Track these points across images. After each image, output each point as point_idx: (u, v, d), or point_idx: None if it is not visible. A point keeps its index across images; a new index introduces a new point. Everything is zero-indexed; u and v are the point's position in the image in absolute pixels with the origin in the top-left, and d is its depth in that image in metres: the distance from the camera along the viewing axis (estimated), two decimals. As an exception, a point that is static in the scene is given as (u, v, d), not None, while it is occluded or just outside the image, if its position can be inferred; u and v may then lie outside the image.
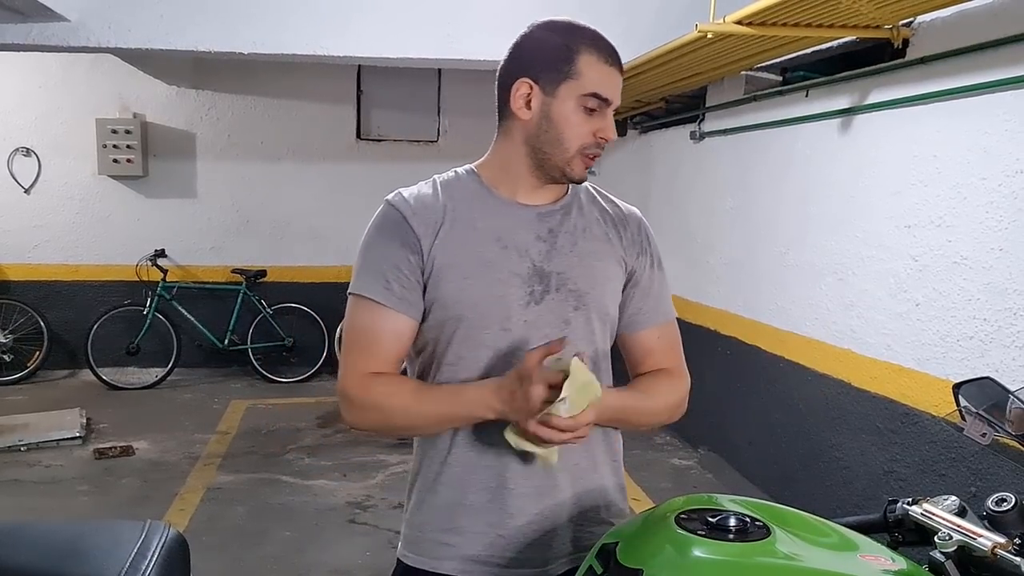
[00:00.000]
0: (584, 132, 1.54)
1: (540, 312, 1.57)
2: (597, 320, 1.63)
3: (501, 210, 1.60)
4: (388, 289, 1.54)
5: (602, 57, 1.54)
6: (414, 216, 1.56)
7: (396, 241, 1.55)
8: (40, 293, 7.59)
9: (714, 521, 1.35)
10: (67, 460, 5.42)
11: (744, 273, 5.17)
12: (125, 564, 1.23)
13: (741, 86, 5.19)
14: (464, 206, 1.59)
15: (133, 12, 5.25)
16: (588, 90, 1.52)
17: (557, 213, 1.63)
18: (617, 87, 1.55)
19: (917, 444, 3.61)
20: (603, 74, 1.53)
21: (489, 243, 1.56)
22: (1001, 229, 3.16)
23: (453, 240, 1.55)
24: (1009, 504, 1.47)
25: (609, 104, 1.54)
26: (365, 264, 1.58)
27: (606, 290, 1.65)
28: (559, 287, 1.58)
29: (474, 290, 1.54)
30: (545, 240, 1.59)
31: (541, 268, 1.58)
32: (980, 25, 3.27)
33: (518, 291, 1.56)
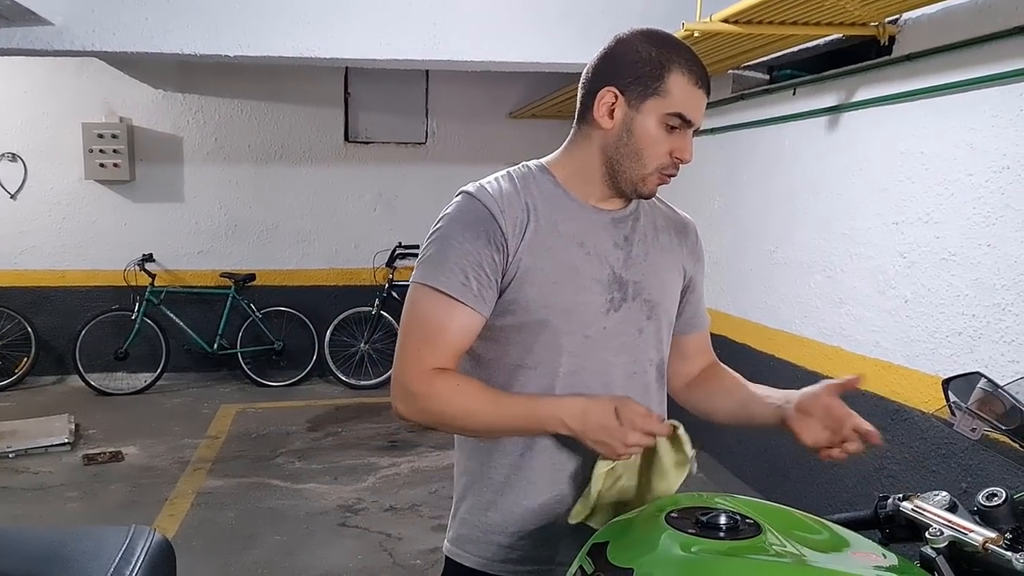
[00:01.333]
0: (663, 151, 1.52)
1: (618, 320, 1.58)
2: (666, 328, 1.68)
3: (580, 213, 1.58)
4: (466, 285, 1.49)
5: (692, 78, 1.50)
6: (502, 213, 1.51)
7: (482, 237, 1.50)
8: (27, 299, 7.54)
9: (704, 519, 1.34)
10: (56, 466, 5.38)
11: (733, 272, 5.18)
12: (109, 570, 1.21)
13: (728, 85, 5.20)
14: (545, 206, 1.55)
15: (118, 15, 5.22)
16: (673, 109, 1.49)
17: (629, 219, 1.63)
18: (701, 110, 1.52)
19: (908, 441, 3.61)
20: (690, 95, 1.50)
21: (573, 247, 1.55)
22: (988, 225, 3.16)
23: (539, 242, 1.52)
24: (1000, 499, 1.47)
25: (691, 125, 1.51)
26: (442, 256, 1.51)
27: (673, 300, 1.69)
28: (635, 296, 1.60)
29: (560, 295, 1.53)
30: (622, 247, 1.60)
31: (620, 276, 1.58)
32: (966, 22, 3.28)
33: (599, 298, 1.56)
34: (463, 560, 1.65)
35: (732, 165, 5.19)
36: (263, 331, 7.59)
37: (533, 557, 1.61)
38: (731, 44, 4.21)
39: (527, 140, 7.90)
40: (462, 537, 1.66)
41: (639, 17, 5.44)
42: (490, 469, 1.62)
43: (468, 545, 1.65)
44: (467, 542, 1.65)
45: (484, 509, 1.63)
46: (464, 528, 1.66)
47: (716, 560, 1.27)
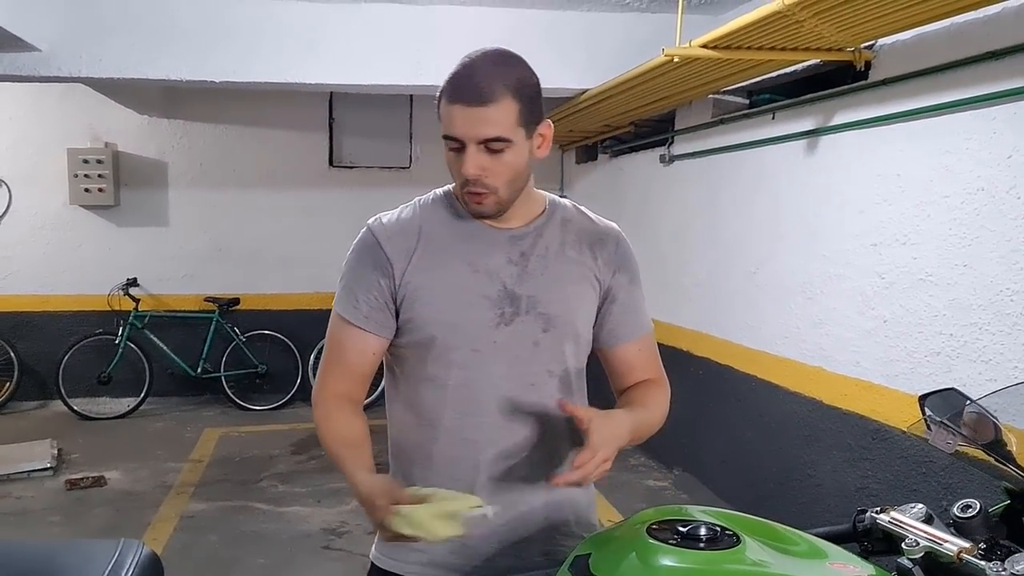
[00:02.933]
0: (455, 169, 1.56)
1: (510, 333, 1.62)
2: (568, 341, 1.68)
3: (474, 233, 1.64)
4: (356, 308, 1.64)
5: (448, 99, 1.52)
6: (388, 241, 1.63)
7: (369, 264, 1.64)
8: (10, 324, 7.50)
9: (685, 531, 1.37)
10: (38, 491, 5.34)
11: (715, 293, 5.22)
12: (98, 583, 1.23)
13: (709, 109, 5.26)
14: (438, 230, 1.65)
15: (104, 42, 5.26)
16: (443, 132, 1.54)
17: (530, 235, 1.66)
18: (466, 122, 1.49)
19: (888, 460, 3.65)
20: (449, 114, 1.51)
21: (461, 266, 1.62)
22: (964, 246, 3.22)
23: (426, 264, 1.61)
24: (974, 510, 1.49)
25: (460, 141, 1.51)
26: (343, 284, 1.68)
27: (578, 312, 1.69)
28: (529, 309, 1.63)
29: (445, 312, 1.60)
30: (516, 263, 1.64)
31: (512, 291, 1.62)
32: (939, 47, 3.35)
33: (488, 313, 1.61)
34: (378, 563, 1.73)
35: (713, 188, 5.25)
36: (247, 355, 7.58)
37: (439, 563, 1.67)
38: (711, 69, 4.28)
39: (511, 164, 7.94)
40: (378, 540, 1.73)
41: (619, 43, 5.56)
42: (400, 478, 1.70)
43: (381, 547, 1.73)
44: (381, 544, 1.73)
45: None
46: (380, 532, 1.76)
47: (695, 570, 1.30)
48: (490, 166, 1.52)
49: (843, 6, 3.13)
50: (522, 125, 1.53)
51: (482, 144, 1.50)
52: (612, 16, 5.62)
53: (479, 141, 1.49)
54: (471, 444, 1.64)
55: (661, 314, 5.95)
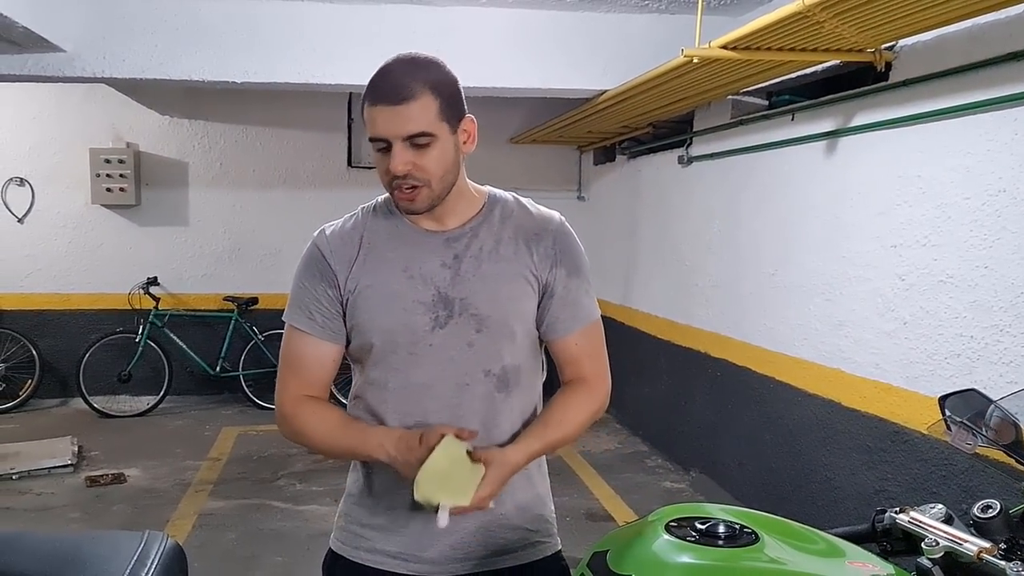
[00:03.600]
0: (383, 170, 1.61)
1: (445, 336, 1.66)
2: (504, 339, 1.70)
3: (410, 239, 1.70)
4: (311, 319, 1.70)
5: (370, 101, 1.57)
6: (332, 254, 1.71)
7: (316, 275, 1.71)
8: (32, 322, 7.58)
9: (703, 528, 1.37)
10: (58, 488, 5.40)
11: (733, 295, 5.21)
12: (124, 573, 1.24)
13: (728, 111, 5.25)
14: (377, 238, 1.71)
15: (127, 43, 5.30)
16: (370, 136, 1.59)
17: (465, 236, 1.70)
18: (388, 122, 1.55)
19: (908, 462, 3.63)
20: (371, 117, 1.57)
21: (396, 273, 1.67)
22: (985, 247, 3.20)
23: (365, 272, 1.68)
24: (994, 511, 1.49)
25: (385, 141, 1.56)
26: (293, 296, 1.74)
27: (509, 310, 1.70)
28: (462, 312, 1.66)
29: (382, 319, 1.66)
30: (450, 267, 1.67)
31: (445, 295, 1.66)
32: (960, 48, 3.34)
33: (423, 318, 1.66)
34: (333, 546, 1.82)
35: (731, 189, 5.24)
36: (265, 354, 7.61)
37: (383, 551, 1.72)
38: (730, 70, 4.27)
39: (527, 165, 7.97)
40: (335, 525, 1.84)
41: (640, 41, 5.56)
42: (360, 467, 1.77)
43: (337, 531, 1.82)
44: (337, 529, 1.82)
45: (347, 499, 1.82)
46: (337, 517, 1.84)
47: (714, 567, 1.30)
48: (417, 161, 1.57)
49: (864, 7, 3.11)
50: (444, 120, 1.58)
51: (407, 140, 1.55)
52: (631, 17, 5.61)
53: (404, 138, 1.55)
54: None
55: (678, 315, 5.95)
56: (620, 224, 7.13)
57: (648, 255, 6.43)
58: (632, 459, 6.23)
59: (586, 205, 8.07)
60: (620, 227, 7.12)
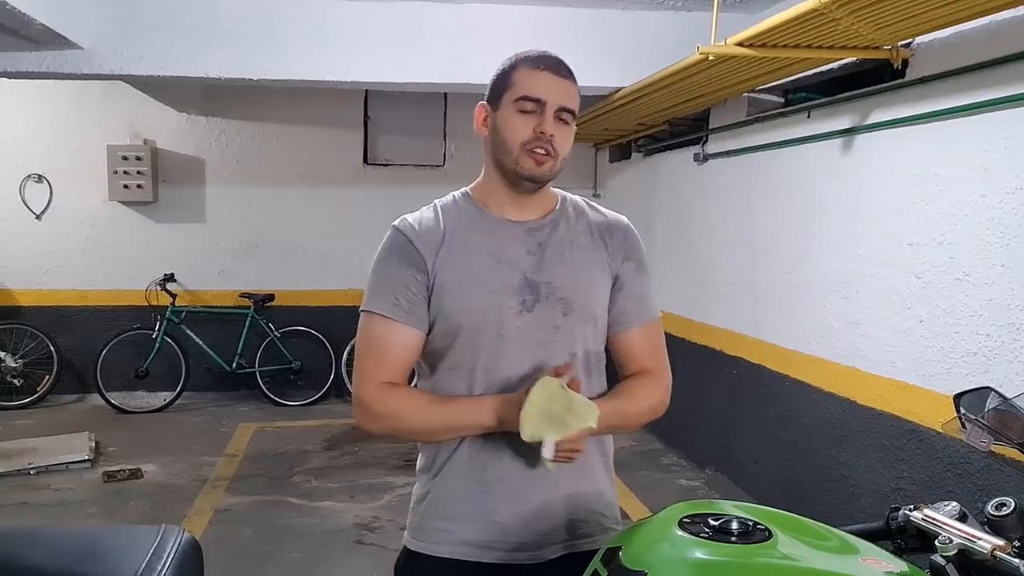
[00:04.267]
0: (522, 131, 1.68)
1: (532, 319, 1.72)
2: (587, 323, 1.77)
3: (493, 227, 1.76)
4: (397, 305, 1.70)
5: (533, 65, 1.71)
6: (418, 239, 1.73)
7: (403, 262, 1.72)
8: (50, 318, 7.64)
9: (716, 524, 1.37)
10: (76, 483, 5.44)
11: (748, 293, 5.20)
12: (141, 566, 1.26)
13: (744, 108, 5.24)
14: (460, 226, 1.75)
15: (145, 40, 5.34)
16: (520, 94, 1.68)
17: (546, 227, 1.78)
18: (550, 88, 1.68)
19: (924, 461, 3.62)
20: (533, 78, 1.69)
21: (484, 258, 1.72)
22: (1002, 245, 3.19)
23: (452, 258, 1.72)
24: (1009, 508, 1.49)
25: (542, 103, 1.67)
26: (376, 284, 1.75)
27: (592, 296, 1.78)
28: (548, 295, 1.73)
29: (472, 301, 1.70)
30: (535, 253, 1.75)
31: (532, 280, 1.73)
32: (977, 46, 3.32)
33: (511, 301, 1.71)
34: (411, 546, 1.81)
35: (747, 187, 5.22)
36: (281, 351, 7.65)
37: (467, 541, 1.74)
38: (746, 68, 4.26)
39: (544, 163, 7.96)
40: (410, 524, 1.83)
41: (657, 39, 5.55)
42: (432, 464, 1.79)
43: (414, 531, 1.82)
44: (412, 528, 1.82)
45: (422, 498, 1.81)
46: (411, 516, 1.84)
47: (728, 563, 1.30)
48: (558, 133, 1.69)
49: (880, 4, 3.11)
50: (577, 114, 1.74)
51: (559, 111, 1.68)
52: (647, 14, 5.61)
53: (559, 107, 1.68)
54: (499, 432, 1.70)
55: (693, 313, 5.94)
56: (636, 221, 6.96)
57: (664, 252, 6.41)
58: (648, 457, 6.23)
59: (602, 203, 7.99)
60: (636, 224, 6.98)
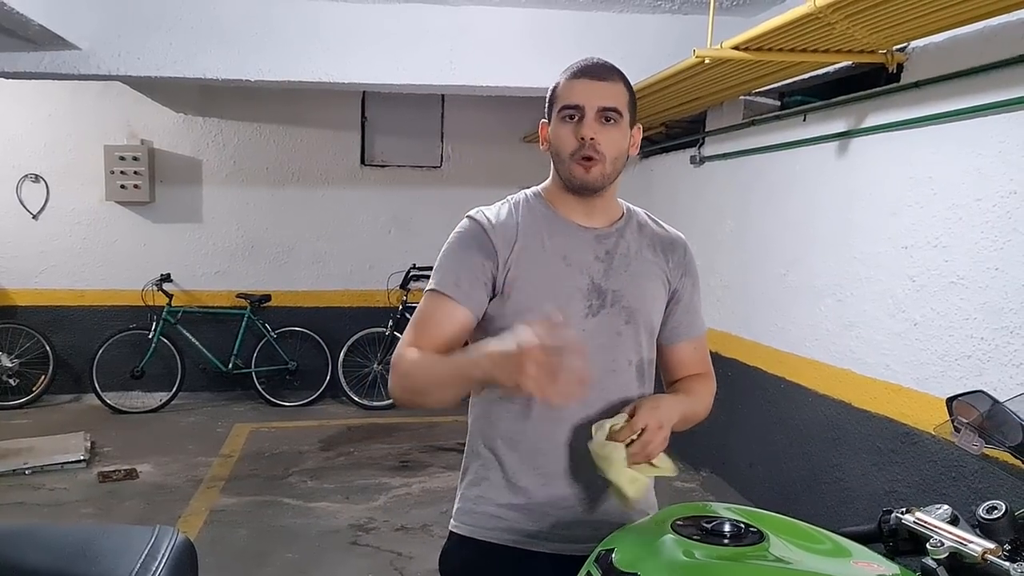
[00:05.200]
0: (568, 140, 1.73)
1: (596, 324, 1.78)
2: (644, 333, 1.84)
3: (565, 231, 1.81)
4: (457, 285, 1.75)
5: (571, 75, 1.76)
6: (494, 230, 1.77)
7: (475, 248, 1.76)
8: (46, 318, 7.64)
9: (709, 527, 1.38)
10: (71, 483, 5.44)
11: (744, 295, 5.21)
12: (135, 567, 1.26)
13: (740, 111, 5.25)
14: (534, 225, 1.80)
15: (143, 41, 5.34)
16: (561, 103, 1.75)
17: (613, 236, 1.83)
18: (586, 92, 1.72)
19: (918, 464, 3.63)
20: (571, 88, 1.74)
21: (556, 260, 1.77)
22: (997, 249, 3.20)
23: (526, 255, 1.76)
24: (999, 512, 1.50)
25: (580, 108, 1.71)
26: (442, 266, 1.79)
27: (653, 307, 1.85)
28: (614, 303, 1.79)
29: (543, 300, 1.73)
30: (603, 260, 1.80)
31: (599, 285, 1.78)
32: (972, 50, 3.33)
33: (579, 304, 1.77)
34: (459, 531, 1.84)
35: (743, 189, 5.23)
36: (278, 351, 7.65)
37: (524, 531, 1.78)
38: (742, 71, 4.27)
39: (541, 164, 7.84)
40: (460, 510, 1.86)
41: (653, 42, 5.56)
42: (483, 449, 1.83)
43: (464, 516, 1.84)
44: (463, 513, 1.85)
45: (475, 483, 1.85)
46: (462, 502, 1.87)
47: (720, 565, 1.31)
48: (602, 135, 1.72)
49: (875, 8, 3.11)
50: (628, 111, 1.77)
51: (600, 113, 1.71)
52: (644, 17, 5.62)
53: (599, 108, 1.71)
54: (558, 422, 1.75)
55: (690, 315, 5.94)
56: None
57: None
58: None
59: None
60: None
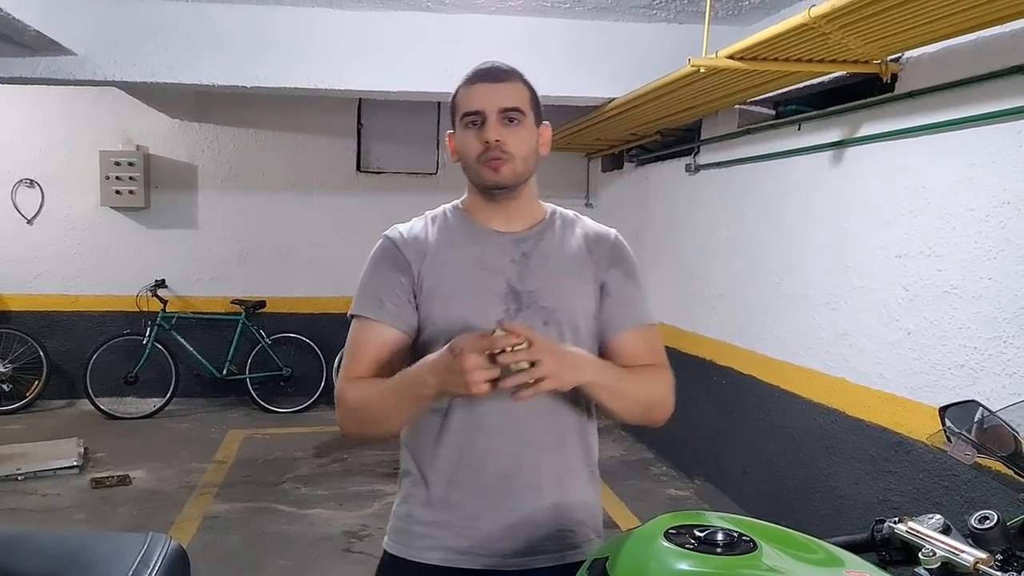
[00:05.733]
0: (472, 146, 1.72)
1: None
2: (567, 333, 1.76)
3: (480, 237, 1.79)
4: (381, 307, 1.74)
5: (469, 82, 1.74)
6: (406, 244, 1.78)
7: (390, 266, 1.77)
8: (40, 323, 7.63)
9: (702, 536, 1.38)
10: (64, 489, 5.42)
11: (738, 303, 5.22)
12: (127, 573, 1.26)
13: (735, 120, 5.27)
14: (448, 235, 1.80)
15: (139, 46, 5.34)
16: (461, 111, 1.73)
17: (532, 238, 1.81)
18: (484, 96, 1.71)
19: (911, 473, 3.64)
20: (469, 94, 1.73)
21: (469, 265, 1.76)
22: (990, 259, 3.21)
23: (438, 265, 1.75)
24: (991, 522, 1.50)
25: (481, 114, 1.70)
26: (361, 290, 1.79)
27: (575, 305, 1.79)
28: (531, 304, 1.74)
29: (459, 307, 1.72)
30: (519, 263, 1.77)
31: (515, 288, 1.74)
32: (966, 60, 3.35)
33: (495, 308, 1.72)
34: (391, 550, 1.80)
35: (738, 198, 5.25)
36: (272, 357, 7.64)
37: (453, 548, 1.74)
38: (737, 80, 4.28)
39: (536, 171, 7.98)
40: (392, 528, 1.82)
41: (648, 50, 5.58)
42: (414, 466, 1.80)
43: (395, 535, 1.81)
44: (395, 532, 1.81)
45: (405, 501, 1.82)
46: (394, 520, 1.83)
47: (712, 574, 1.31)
48: (508, 135, 1.70)
49: (870, 19, 3.13)
50: (531, 109, 1.75)
51: (502, 114, 1.70)
52: (639, 26, 5.63)
53: (500, 110, 1.69)
54: (480, 432, 1.72)
55: (683, 323, 5.95)
56: (627, 231, 7.03)
57: (655, 262, 6.43)
58: (637, 466, 6.23)
59: (594, 212, 8.06)
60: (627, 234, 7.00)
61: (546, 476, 1.75)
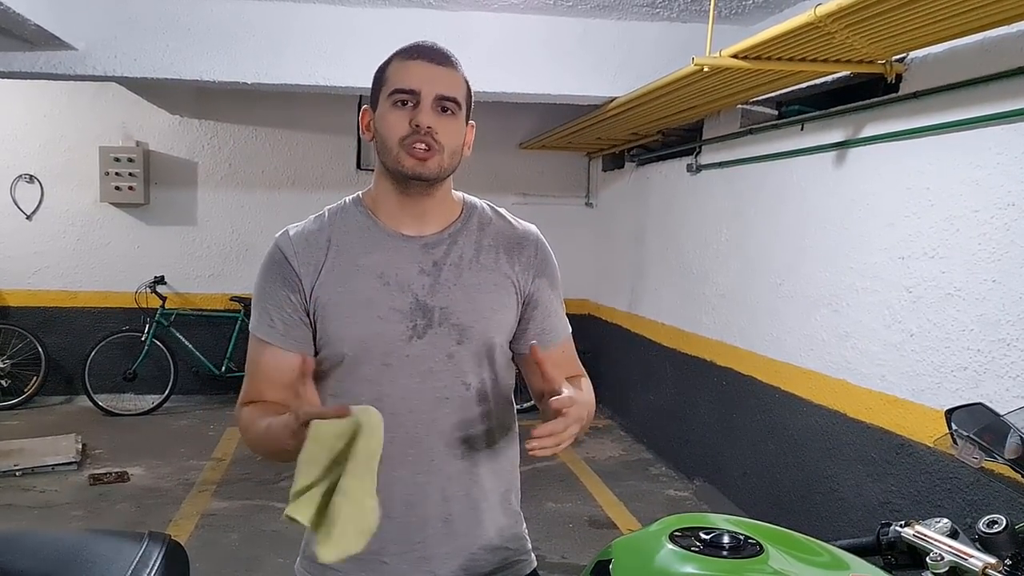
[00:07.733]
0: (398, 126, 1.53)
1: (423, 347, 1.58)
2: (484, 351, 1.63)
3: (385, 243, 1.61)
4: (272, 327, 1.60)
5: (406, 56, 1.57)
6: (296, 255, 1.61)
7: (279, 281, 1.60)
8: (39, 319, 7.61)
9: (708, 538, 1.37)
10: (62, 486, 5.41)
11: (739, 304, 5.20)
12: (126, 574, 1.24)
13: (737, 119, 5.25)
14: (348, 240, 1.61)
15: (140, 43, 5.32)
16: (392, 87, 1.55)
17: (444, 243, 1.63)
18: (423, 76, 1.54)
19: (912, 475, 3.62)
20: (405, 69, 1.55)
21: (371, 280, 1.58)
22: (994, 261, 3.19)
23: (335, 278, 1.58)
24: (1000, 526, 1.49)
25: (416, 93, 1.53)
26: (255, 303, 1.65)
27: (492, 322, 1.63)
28: (442, 321, 1.59)
29: (355, 328, 1.56)
30: (429, 273, 1.60)
31: (424, 303, 1.58)
32: (971, 61, 3.33)
33: (399, 327, 1.57)
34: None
35: (740, 198, 5.23)
36: (271, 355, 7.62)
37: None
38: (740, 79, 4.27)
39: (537, 171, 7.99)
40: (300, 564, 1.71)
41: (651, 49, 5.56)
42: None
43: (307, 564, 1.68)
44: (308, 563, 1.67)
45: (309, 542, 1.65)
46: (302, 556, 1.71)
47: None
48: (441, 125, 1.54)
49: (875, 19, 3.11)
50: (466, 104, 1.60)
51: (439, 101, 1.54)
52: (643, 25, 5.62)
53: (437, 96, 1.54)
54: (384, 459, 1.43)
55: (684, 323, 5.94)
56: (628, 231, 7.13)
57: (655, 262, 6.42)
58: (636, 467, 6.22)
59: (595, 212, 8.08)
60: (628, 234, 7.12)
61: (456, 505, 1.62)
